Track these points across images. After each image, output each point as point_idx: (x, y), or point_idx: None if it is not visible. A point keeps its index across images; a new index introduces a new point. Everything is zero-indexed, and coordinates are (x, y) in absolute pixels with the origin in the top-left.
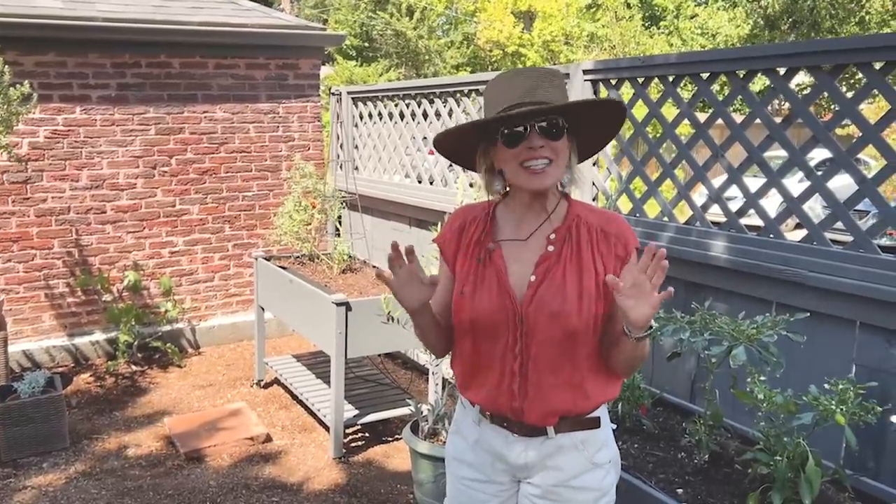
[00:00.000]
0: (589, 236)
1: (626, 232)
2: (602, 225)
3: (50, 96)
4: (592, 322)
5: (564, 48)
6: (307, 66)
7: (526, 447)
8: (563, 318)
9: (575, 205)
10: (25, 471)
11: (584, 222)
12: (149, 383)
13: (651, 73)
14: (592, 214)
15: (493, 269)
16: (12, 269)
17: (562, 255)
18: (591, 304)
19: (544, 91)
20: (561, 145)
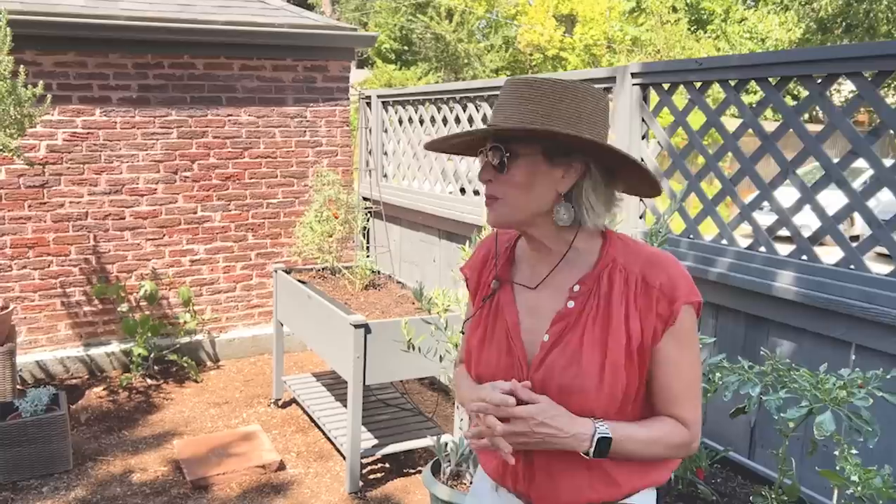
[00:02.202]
0: (625, 288)
1: (676, 282)
2: (645, 272)
3: (69, 97)
4: (620, 398)
5: (606, 52)
6: (336, 68)
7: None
8: (577, 395)
9: (613, 244)
10: (24, 495)
11: (620, 269)
12: (163, 399)
13: (709, 77)
14: (635, 258)
15: (503, 322)
16: (28, 276)
17: (584, 313)
18: (618, 378)
19: (503, 109)
20: (508, 179)
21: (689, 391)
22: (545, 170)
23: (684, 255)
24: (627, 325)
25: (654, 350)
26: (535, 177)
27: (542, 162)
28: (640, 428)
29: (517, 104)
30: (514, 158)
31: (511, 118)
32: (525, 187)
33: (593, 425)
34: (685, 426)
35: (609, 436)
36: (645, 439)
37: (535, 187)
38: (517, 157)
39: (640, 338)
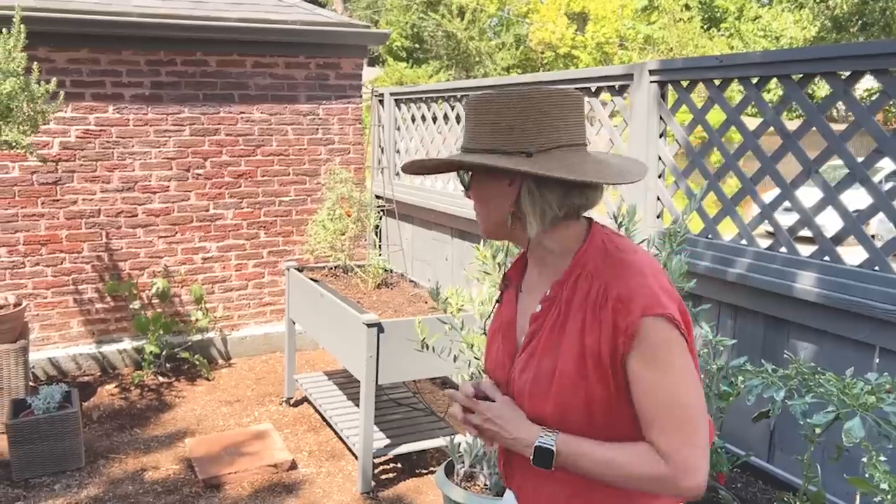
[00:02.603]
0: (586, 297)
1: (633, 294)
2: (608, 282)
3: (82, 94)
4: (575, 409)
5: (619, 50)
6: (349, 65)
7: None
8: (528, 399)
9: (591, 247)
10: (36, 493)
11: (587, 275)
12: (174, 397)
13: (730, 74)
14: (605, 265)
15: (504, 317)
16: (40, 272)
17: (547, 319)
18: (565, 389)
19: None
20: (476, 196)
21: (663, 415)
22: (492, 185)
23: (702, 255)
24: (582, 336)
25: (626, 367)
26: (487, 192)
27: (484, 177)
28: (600, 447)
29: (470, 123)
30: (472, 178)
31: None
32: (484, 202)
33: (538, 434)
34: (664, 457)
35: (551, 447)
36: (603, 459)
37: (491, 201)
38: (471, 177)
39: (597, 350)
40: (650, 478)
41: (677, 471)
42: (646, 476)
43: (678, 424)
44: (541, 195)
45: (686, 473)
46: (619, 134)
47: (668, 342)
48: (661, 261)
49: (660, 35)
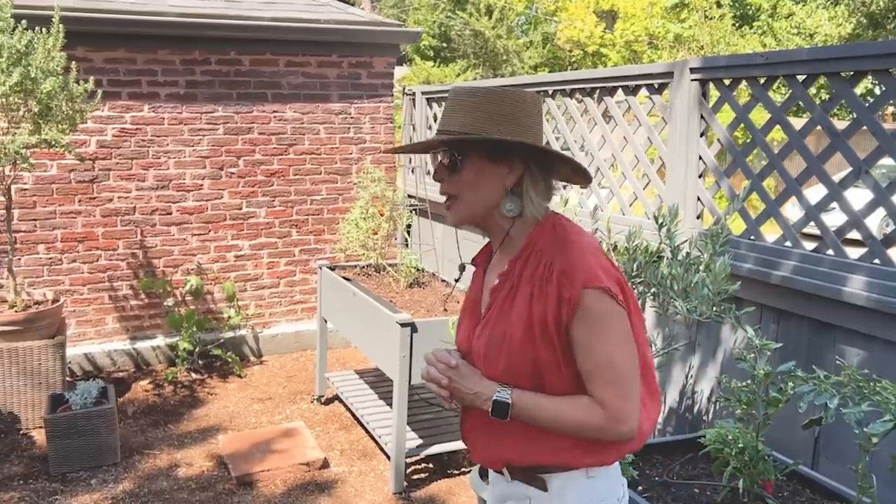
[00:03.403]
0: (533, 272)
1: (575, 268)
2: (554, 258)
3: (118, 94)
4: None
5: (648, 49)
6: (381, 64)
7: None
8: (484, 360)
9: (542, 230)
10: (73, 487)
11: (538, 253)
12: (207, 394)
13: (775, 72)
14: (554, 244)
15: (471, 294)
16: (77, 269)
17: (502, 291)
18: (514, 350)
19: (452, 118)
20: (463, 178)
21: (601, 372)
22: (490, 168)
23: (745, 256)
24: (530, 305)
25: (571, 333)
26: (482, 175)
27: (486, 161)
28: (549, 401)
29: (462, 111)
30: (463, 160)
31: (456, 124)
32: (474, 185)
33: (495, 389)
34: (601, 407)
35: (507, 400)
36: (551, 410)
37: (483, 184)
38: (465, 159)
39: (543, 318)
40: (591, 425)
41: (613, 419)
42: (587, 424)
43: (613, 380)
44: (544, 180)
45: (619, 421)
46: (658, 133)
47: (605, 311)
48: (704, 262)
49: (690, 33)
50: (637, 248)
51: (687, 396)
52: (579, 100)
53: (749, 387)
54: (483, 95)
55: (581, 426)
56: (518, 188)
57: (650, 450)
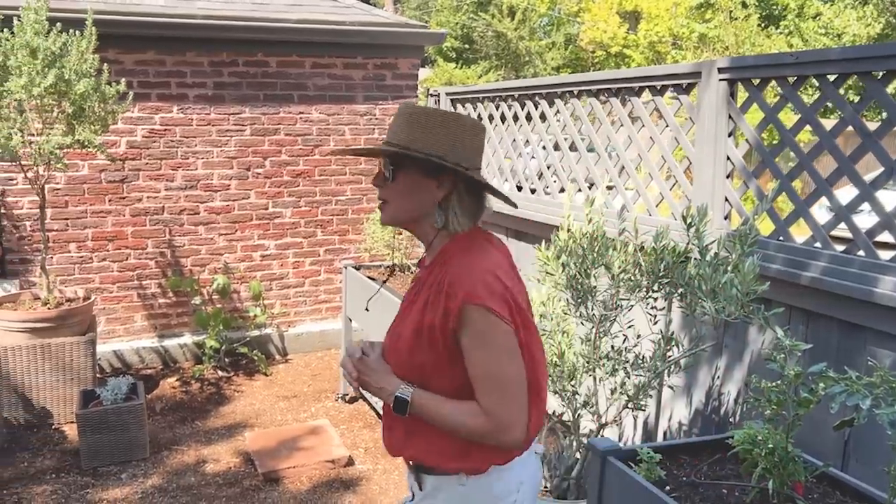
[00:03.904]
0: (432, 283)
1: (459, 284)
2: (449, 272)
3: (148, 95)
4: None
5: (672, 49)
6: (406, 65)
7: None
8: (390, 359)
9: (452, 243)
10: (104, 481)
11: (442, 263)
12: (233, 391)
13: (805, 72)
14: (455, 257)
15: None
16: (107, 268)
17: (411, 295)
18: (404, 352)
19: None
20: (396, 187)
21: (483, 382)
22: (422, 181)
23: (773, 257)
24: (423, 312)
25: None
26: (413, 186)
27: (419, 175)
28: (443, 403)
29: (407, 127)
30: (399, 171)
31: (399, 138)
32: (407, 194)
33: (398, 386)
34: (485, 415)
35: (406, 398)
36: (443, 412)
37: (415, 195)
38: (401, 170)
39: (431, 325)
40: (476, 430)
41: (495, 426)
42: (472, 428)
43: (496, 390)
44: (471, 199)
45: (501, 429)
46: (685, 133)
47: (487, 326)
48: (732, 263)
49: (715, 34)
50: (665, 248)
51: (713, 398)
52: (604, 100)
53: (779, 387)
54: (428, 116)
55: (468, 430)
56: (445, 203)
57: (677, 450)
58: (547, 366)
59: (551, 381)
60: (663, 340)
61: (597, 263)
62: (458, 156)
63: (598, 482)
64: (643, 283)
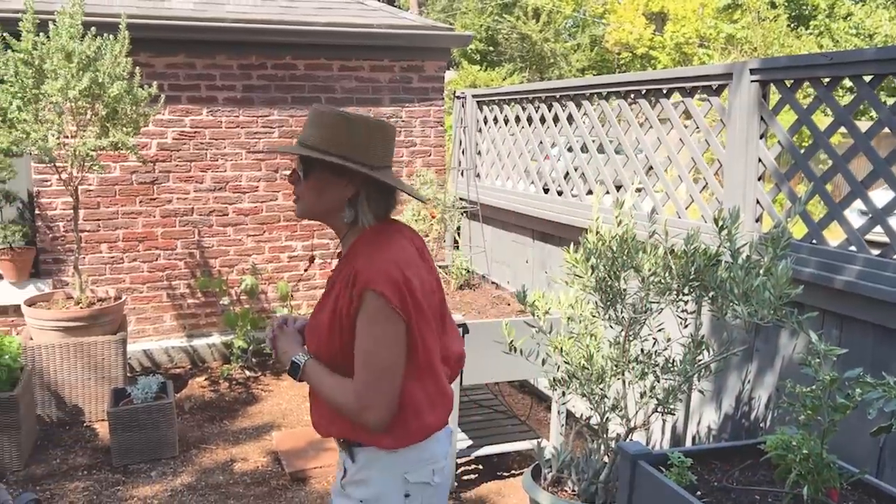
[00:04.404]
0: (345, 272)
1: (361, 271)
2: (356, 262)
3: (178, 98)
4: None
5: (699, 50)
6: (432, 68)
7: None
8: (308, 340)
9: (361, 237)
10: (134, 479)
11: (351, 258)
12: (261, 391)
13: (840, 73)
14: (361, 251)
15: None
16: (137, 268)
17: (328, 285)
18: (320, 333)
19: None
20: (309, 185)
21: (359, 358)
22: (332, 180)
23: (806, 261)
24: (337, 300)
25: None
26: (324, 184)
27: (329, 174)
28: (328, 377)
29: (320, 129)
30: (309, 170)
31: (311, 139)
32: (317, 191)
33: (296, 352)
34: (352, 392)
35: (299, 363)
36: (324, 382)
37: (325, 193)
38: (312, 170)
39: (342, 311)
40: (342, 404)
41: (357, 401)
42: (340, 402)
43: (366, 371)
44: (381, 197)
45: (362, 405)
46: (716, 135)
47: (376, 311)
48: (764, 266)
49: (743, 34)
50: (695, 250)
51: (744, 402)
52: (632, 102)
53: (814, 392)
54: (335, 118)
55: (337, 404)
56: (354, 200)
57: (708, 455)
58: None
59: (579, 383)
60: (693, 344)
61: (626, 266)
62: (366, 156)
63: (629, 486)
64: (673, 286)
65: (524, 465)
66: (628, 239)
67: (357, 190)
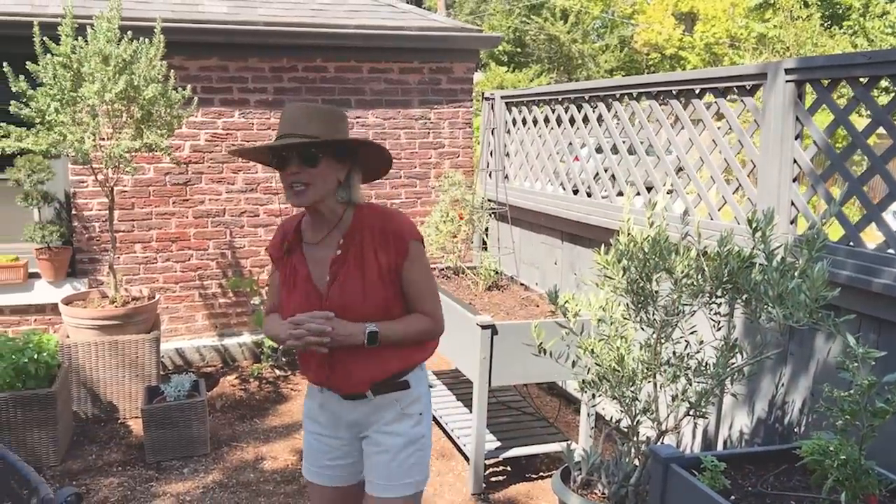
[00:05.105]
0: (371, 238)
1: (400, 229)
2: (383, 226)
3: (211, 100)
4: (382, 305)
5: (729, 51)
6: (461, 69)
7: (354, 408)
8: (353, 309)
9: (361, 212)
10: (167, 475)
11: (367, 227)
12: (290, 390)
13: (880, 72)
14: (376, 217)
15: (299, 273)
16: (171, 268)
17: (348, 257)
18: (377, 292)
19: (307, 125)
20: (318, 171)
21: (425, 294)
22: (334, 165)
23: (843, 263)
24: (377, 260)
25: (401, 273)
26: (329, 169)
27: (332, 159)
28: (397, 323)
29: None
30: (322, 157)
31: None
32: (325, 176)
33: (364, 326)
34: (428, 316)
35: (375, 330)
36: (402, 329)
37: (330, 176)
38: (323, 156)
39: (387, 266)
40: (426, 330)
41: (436, 323)
42: (424, 329)
43: (430, 295)
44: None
45: (437, 323)
46: (749, 136)
47: (422, 253)
48: (800, 268)
49: (775, 34)
50: (729, 252)
51: (777, 407)
52: (663, 102)
53: (852, 396)
54: (326, 111)
55: (421, 332)
56: (347, 181)
57: (741, 459)
58: None
59: (610, 386)
60: (726, 347)
61: (658, 268)
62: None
63: (660, 490)
64: (706, 289)
65: (552, 468)
66: (660, 240)
67: (348, 171)
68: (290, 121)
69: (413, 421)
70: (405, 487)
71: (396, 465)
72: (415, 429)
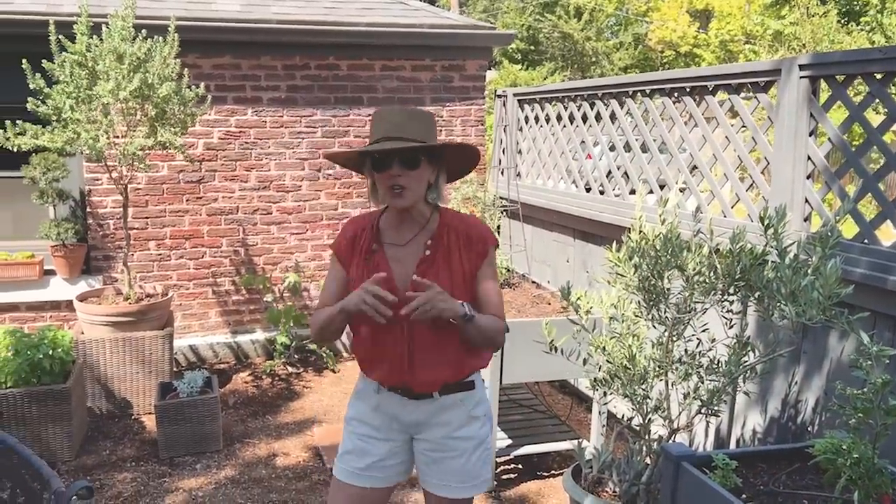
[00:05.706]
0: (457, 240)
1: (484, 234)
2: (466, 230)
3: (224, 98)
4: None
5: (745, 48)
6: (473, 67)
7: (416, 408)
8: None
9: (445, 215)
10: (179, 471)
11: (452, 229)
12: (303, 387)
13: (894, 68)
14: (459, 222)
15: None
16: (184, 265)
17: (436, 258)
18: (462, 294)
19: (409, 128)
20: (418, 173)
21: (496, 298)
22: (428, 167)
23: (857, 261)
24: (461, 262)
25: (477, 275)
26: (425, 172)
27: (426, 162)
28: (482, 316)
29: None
30: (422, 160)
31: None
32: (422, 179)
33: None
34: (500, 318)
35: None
36: (485, 321)
37: (424, 179)
38: (423, 160)
39: (470, 268)
40: (500, 330)
41: (503, 327)
42: (498, 329)
43: (499, 299)
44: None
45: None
46: (763, 132)
47: (495, 258)
48: (813, 265)
49: (791, 31)
50: (741, 249)
51: (790, 405)
52: (676, 99)
53: (865, 395)
54: (424, 115)
55: (497, 331)
56: (435, 183)
57: (753, 458)
58: None
59: (621, 384)
60: (738, 345)
61: (670, 265)
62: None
63: (671, 488)
64: (718, 286)
65: (564, 466)
66: (672, 238)
67: (437, 173)
68: (391, 123)
69: (480, 423)
70: (482, 485)
71: (470, 466)
72: (482, 430)
